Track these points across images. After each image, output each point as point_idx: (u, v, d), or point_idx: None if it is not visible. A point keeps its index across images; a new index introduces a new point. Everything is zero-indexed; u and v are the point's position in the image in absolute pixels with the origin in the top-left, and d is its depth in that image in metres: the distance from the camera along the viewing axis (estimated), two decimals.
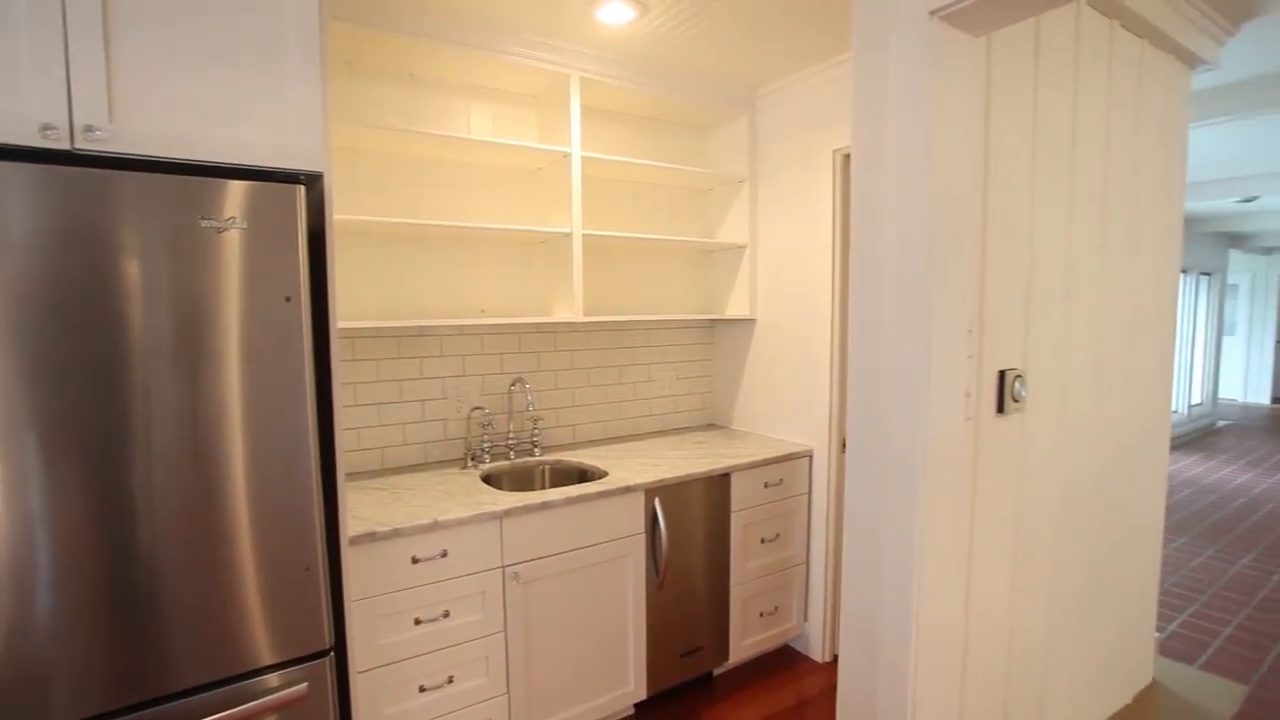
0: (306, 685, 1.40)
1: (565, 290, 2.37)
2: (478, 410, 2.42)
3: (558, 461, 2.44)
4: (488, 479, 2.22)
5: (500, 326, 2.49)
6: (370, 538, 1.62)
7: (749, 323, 2.88)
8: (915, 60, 1.36)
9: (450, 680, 1.79)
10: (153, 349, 1.21)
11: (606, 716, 2.18)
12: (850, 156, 1.56)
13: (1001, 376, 1.66)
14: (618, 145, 2.72)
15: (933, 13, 1.32)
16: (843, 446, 2.52)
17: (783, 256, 2.69)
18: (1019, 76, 1.62)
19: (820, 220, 2.50)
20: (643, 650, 2.18)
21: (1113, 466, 2.11)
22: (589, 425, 2.75)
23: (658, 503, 2.17)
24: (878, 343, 1.49)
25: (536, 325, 2.57)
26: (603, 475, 2.23)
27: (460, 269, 2.39)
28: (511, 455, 2.45)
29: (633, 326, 2.84)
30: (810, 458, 2.59)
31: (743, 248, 2.82)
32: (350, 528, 1.63)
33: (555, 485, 2.42)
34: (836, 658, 2.25)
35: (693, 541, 2.29)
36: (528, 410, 2.51)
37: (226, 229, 1.26)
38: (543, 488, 2.43)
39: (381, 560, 1.66)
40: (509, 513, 1.84)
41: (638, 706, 2.30)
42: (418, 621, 1.72)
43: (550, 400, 2.63)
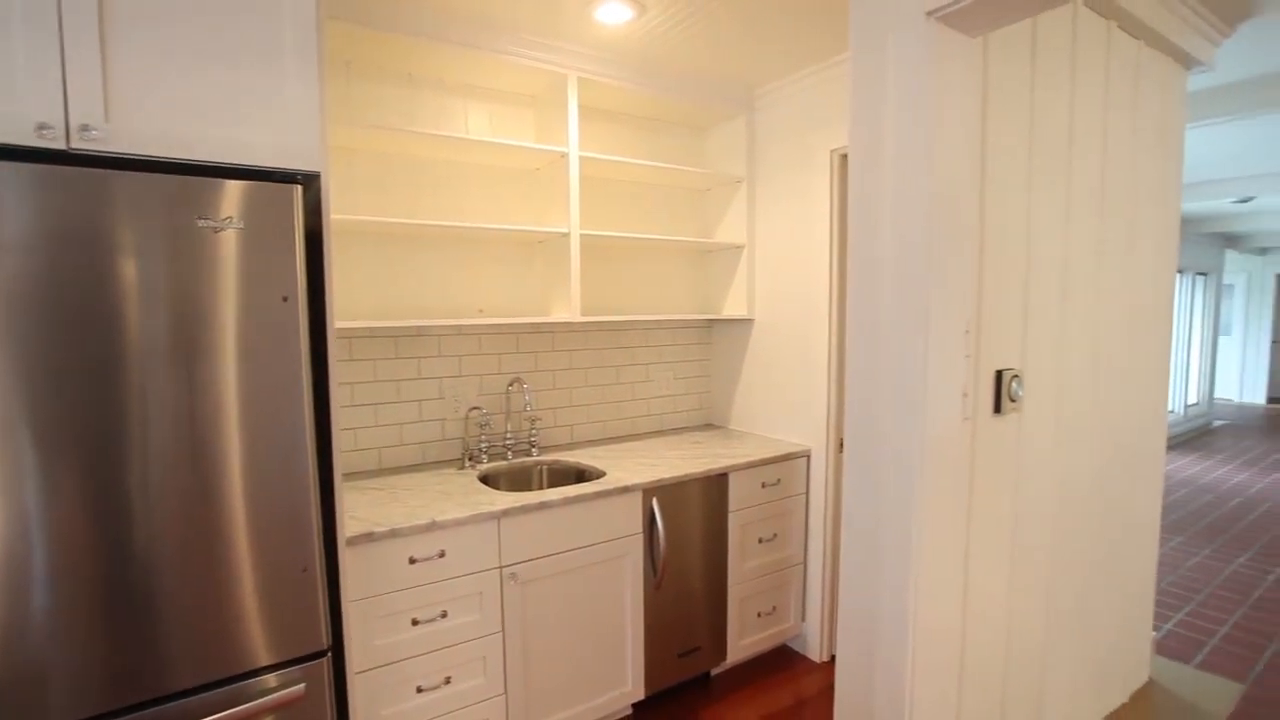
0: (304, 686, 1.40)
1: (563, 290, 2.37)
2: (475, 410, 2.42)
3: (555, 461, 2.44)
4: (485, 479, 2.22)
5: (498, 326, 2.48)
6: (368, 538, 1.62)
7: (747, 323, 2.88)
8: (913, 61, 1.37)
9: (448, 681, 1.79)
10: (149, 349, 1.21)
11: (604, 717, 2.18)
12: (848, 156, 1.56)
13: (999, 376, 1.66)
14: (615, 145, 2.72)
15: (930, 13, 1.32)
16: (840, 446, 2.53)
17: (780, 256, 2.69)
18: (1016, 77, 1.63)
19: (818, 220, 2.51)
20: (640, 650, 2.18)
21: (1110, 466, 2.11)
22: (587, 425, 2.75)
23: (655, 503, 2.17)
24: (875, 342, 1.50)
25: (534, 325, 2.57)
26: (600, 475, 2.23)
27: (458, 269, 2.39)
28: (509, 455, 2.44)
29: (630, 326, 2.84)
30: (808, 458, 2.59)
31: (740, 248, 2.82)
32: (348, 528, 1.63)
33: (553, 485, 2.41)
34: (834, 658, 2.25)
35: (690, 541, 2.29)
36: (525, 410, 2.51)
37: (223, 229, 1.26)
38: (540, 488, 2.43)
39: (379, 560, 1.65)
40: (507, 513, 1.84)
41: (635, 706, 2.30)
42: (415, 622, 1.72)
43: (548, 400, 2.63)
